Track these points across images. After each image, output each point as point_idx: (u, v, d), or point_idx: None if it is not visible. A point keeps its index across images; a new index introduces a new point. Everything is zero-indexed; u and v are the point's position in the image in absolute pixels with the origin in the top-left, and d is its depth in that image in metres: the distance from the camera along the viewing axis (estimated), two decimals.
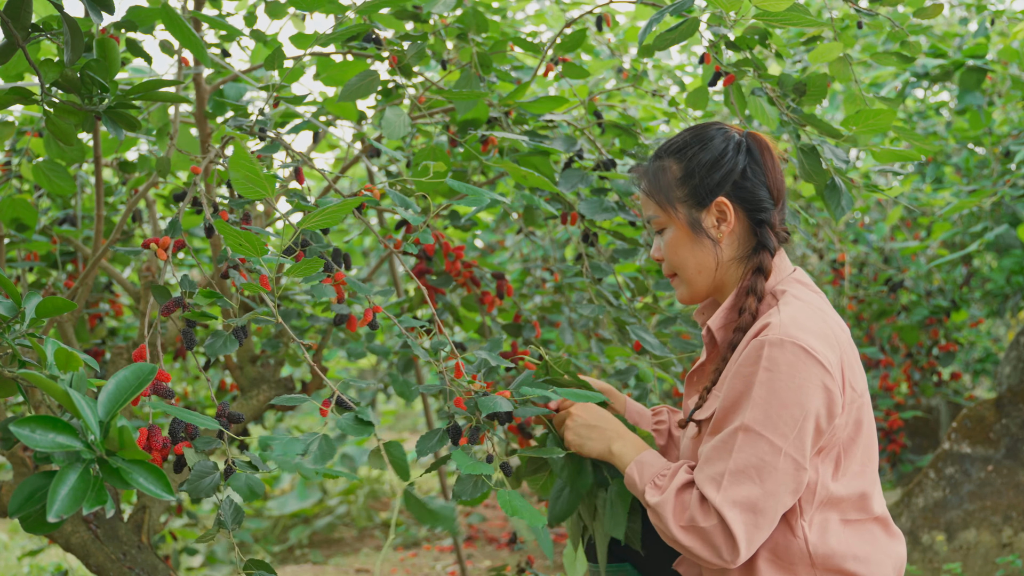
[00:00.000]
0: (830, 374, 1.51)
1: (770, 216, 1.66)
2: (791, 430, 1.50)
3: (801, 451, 1.51)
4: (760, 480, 1.51)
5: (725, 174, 1.65)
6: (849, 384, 1.56)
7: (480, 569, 3.96)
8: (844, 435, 1.56)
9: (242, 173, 1.43)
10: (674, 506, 1.57)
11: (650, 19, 1.92)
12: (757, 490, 1.51)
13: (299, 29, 2.55)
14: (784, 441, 1.50)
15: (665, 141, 1.72)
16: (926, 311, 4.24)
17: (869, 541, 1.61)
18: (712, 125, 1.70)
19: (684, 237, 1.68)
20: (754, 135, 1.68)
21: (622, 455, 1.69)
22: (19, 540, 4.73)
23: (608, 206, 2.18)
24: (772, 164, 1.67)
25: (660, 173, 1.69)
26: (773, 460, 1.50)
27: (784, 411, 1.50)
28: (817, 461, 1.55)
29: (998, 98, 4.02)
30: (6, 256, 2.36)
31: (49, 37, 1.68)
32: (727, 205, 1.64)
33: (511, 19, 3.85)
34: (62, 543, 2.04)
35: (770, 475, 1.50)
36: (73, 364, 1.28)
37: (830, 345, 1.54)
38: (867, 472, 1.62)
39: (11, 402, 2.51)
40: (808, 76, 2.10)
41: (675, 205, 1.67)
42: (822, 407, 1.51)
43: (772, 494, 1.51)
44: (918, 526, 3.40)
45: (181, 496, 3.21)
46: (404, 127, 1.99)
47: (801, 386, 1.50)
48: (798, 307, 1.57)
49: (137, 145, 2.59)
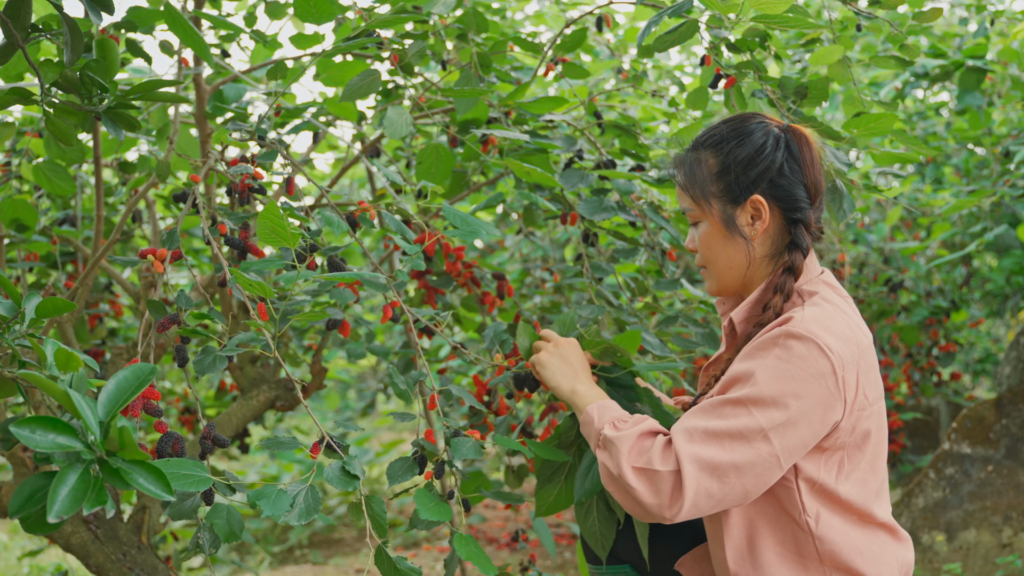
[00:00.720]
0: (838, 376, 1.48)
1: (806, 215, 1.61)
2: (783, 418, 1.47)
3: (785, 445, 1.48)
4: (732, 451, 1.48)
5: (762, 171, 1.60)
6: (863, 391, 1.53)
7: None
8: (849, 440, 1.54)
9: (269, 226, 1.51)
10: (632, 444, 1.54)
11: (649, 20, 1.92)
12: (726, 458, 1.48)
13: (299, 29, 2.55)
14: (771, 427, 1.47)
15: (703, 131, 1.68)
16: (926, 311, 4.24)
17: (876, 542, 1.59)
18: (752, 118, 1.65)
19: (717, 233, 1.65)
20: (793, 129, 1.63)
21: (585, 396, 1.69)
22: (19, 540, 4.73)
23: (607, 206, 2.18)
24: (811, 160, 1.62)
25: (696, 166, 1.65)
26: (753, 439, 1.47)
27: (783, 399, 1.47)
28: (820, 460, 1.53)
29: (998, 98, 4.02)
30: (6, 256, 2.36)
31: (49, 37, 1.68)
32: (762, 203, 1.60)
33: (511, 19, 3.85)
34: (62, 543, 2.04)
35: (744, 452, 1.47)
36: (73, 364, 1.28)
37: (849, 349, 1.51)
38: (870, 483, 1.59)
39: (11, 402, 2.51)
40: (809, 78, 2.10)
41: (710, 200, 1.64)
42: (823, 407, 1.48)
43: (738, 469, 1.47)
44: (918, 526, 3.40)
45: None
46: (406, 126, 1.99)
47: (807, 381, 1.48)
48: (824, 308, 1.55)
49: (137, 145, 2.58)
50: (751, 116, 1.65)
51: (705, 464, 1.48)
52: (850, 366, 1.51)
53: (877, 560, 1.58)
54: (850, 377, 1.50)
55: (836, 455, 1.55)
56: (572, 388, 1.71)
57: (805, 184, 1.61)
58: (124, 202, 2.82)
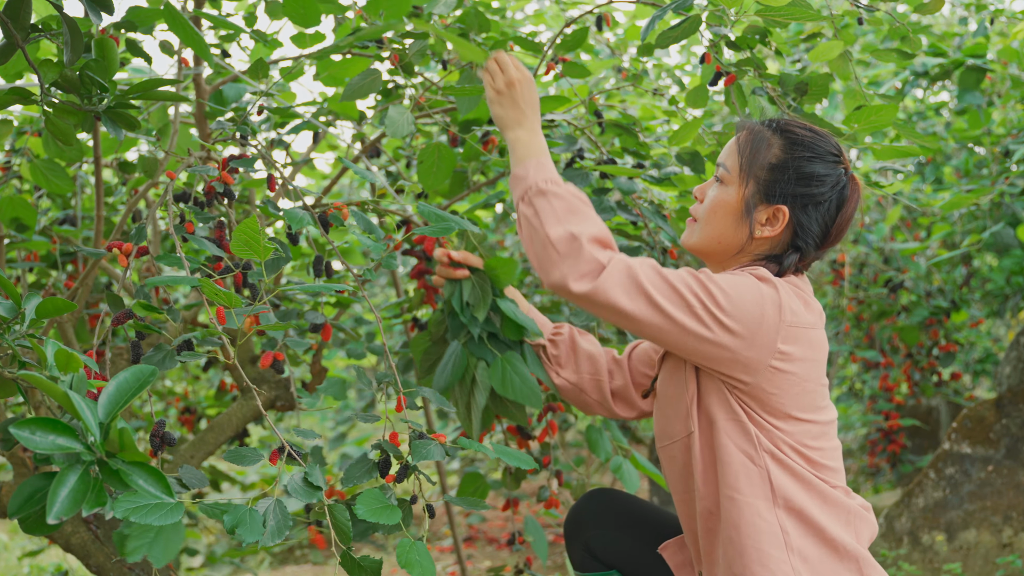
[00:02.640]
0: (783, 310, 1.55)
1: (808, 251, 1.65)
2: (717, 313, 1.53)
3: (702, 330, 1.53)
4: (659, 290, 1.53)
5: (806, 194, 1.62)
6: (796, 341, 1.58)
7: (480, 569, 3.96)
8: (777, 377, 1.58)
9: (243, 238, 1.51)
10: (567, 205, 1.58)
11: (651, 17, 1.92)
12: (649, 288, 1.53)
13: (299, 29, 2.55)
14: (703, 308, 1.53)
15: (791, 119, 1.69)
16: (926, 311, 4.24)
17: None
18: (833, 145, 1.66)
19: (732, 208, 1.65)
20: (856, 180, 1.66)
21: (526, 146, 1.69)
22: (19, 540, 4.73)
23: (607, 206, 2.17)
24: (848, 213, 1.65)
25: (762, 143, 1.65)
26: (681, 301, 1.53)
27: (727, 297, 1.53)
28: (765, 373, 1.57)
29: (997, 98, 4.02)
30: (6, 256, 2.36)
31: (49, 37, 1.68)
32: (785, 216, 1.62)
33: (510, 19, 3.85)
34: (62, 544, 2.04)
35: (666, 299, 1.53)
36: (73, 365, 1.27)
37: (800, 317, 1.58)
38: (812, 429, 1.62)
39: (11, 403, 2.51)
40: (810, 76, 2.09)
41: (749, 179, 1.64)
42: (756, 333, 1.53)
43: (651, 304, 1.53)
44: (918, 526, 3.39)
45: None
46: (407, 125, 1.98)
47: (760, 297, 1.54)
48: (793, 287, 1.62)
49: (137, 145, 2.58)
50: (833, 142, 1.67)
51: (632, 276, 1.54)
52: (795, 323, 1.57)
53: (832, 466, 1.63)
54: (790, 329, 1.56)
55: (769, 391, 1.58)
56: (514, 135, 1.71)
57: (829, 229, 1.64)
58: (124, 202, 2.82)
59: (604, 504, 1.87)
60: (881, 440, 4.44)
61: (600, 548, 1.84)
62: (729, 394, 1.59)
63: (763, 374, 1.55)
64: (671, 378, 1.68)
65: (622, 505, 1.87)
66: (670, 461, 1.70)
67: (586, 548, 1.85)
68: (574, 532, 1.87)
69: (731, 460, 1.58)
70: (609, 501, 1.88)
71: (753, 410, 1.58)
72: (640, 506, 1.88)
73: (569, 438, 5.38)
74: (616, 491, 1.90)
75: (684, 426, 1.64)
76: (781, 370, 1.56)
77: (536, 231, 1.57)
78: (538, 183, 1.61)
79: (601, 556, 1.84)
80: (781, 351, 1.55)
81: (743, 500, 1.56)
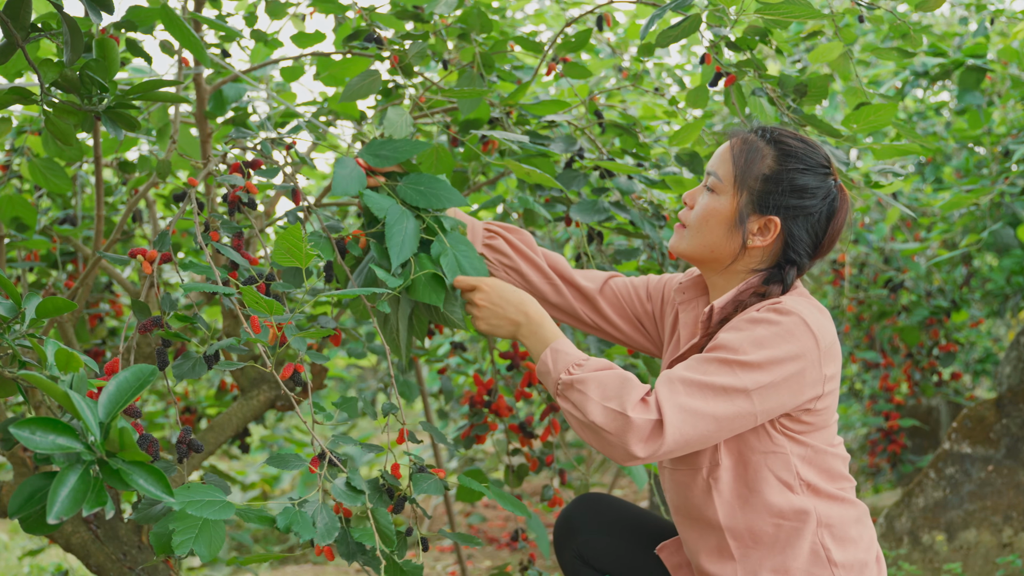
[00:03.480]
0: (820, 349, 1.55)
1: (803, 263, 1.66)
2: (766, 380, 1.52)
3: (764, 407, 1.52)
4: (713, 403, 1.51)
5: (798, 206, 1.63)
6: (834, 369, 1.61)
7: (480, 569, 3.96)
8: (820, 413, 1.61)
9: (285, 246, 1.53)
10: (598, 384, 1.56)
11: (651, 16, 1.92)
12: (706, 408, 1.51)
13: (299, 29, 2.55)
14: (755, 387, 1.52)
15: (785, 129, 1.70)
16: (926, 311, 4.24)
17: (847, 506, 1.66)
18: (823, 157, 1.67)
19: (724, 217, 1.66)
20: (844, 191, 1.68)
21: (534, 338, 1.68)
22: (19, 540, 4.73)
23: (602, 208, 2.16)
24: (838, 225, 1.67)
25: (755, 154, 1.66)
26: (735, 397, 1.52)
27: (768, 364, 1.52)
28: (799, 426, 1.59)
29: (997, 98, 4.02)
30: (6, 256, 2.36)
31: (49, 37, 1.68)
32: (777, 227, 1.63)
33: (510, 19, 3.85)
34: (62, 543, 2.04)
35: (725, 406, 1.51)
36: (73, 365, 1.27)
37: (828, 330, 1.59)
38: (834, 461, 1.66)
39: (11, 402, 2.51)
40: (809, 77, 2.09)
41: (743, 189, 1.64)
42: (802, 376, 1.54)
43: (716, 419, 1.51)
44: (918, 526, 3.39)
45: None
46: (406, 126, 1.98)
47: (794, 347, 1.53)
48: (806, 300, 1.63)
49: (137, 145, 2.58)
50: (823, 153, 1.68)
51: (686, 410, 1.51)
52: (830, 344, 1.58)
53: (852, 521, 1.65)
54: (828, 352, 1.57)
55: (812, 426, 1.61)
56: (520, 335, 1.71)
57: (819, 240, 1.66)
58: (124, 202, 2.82)
59: (595, 509, 1.86)
60: (881, 440, 4.44)
61: (592, 554, 1.82)
62: (770, 427, 1.60)
63: (821, 401, 1.59)
64: None
65: (613, 510, 1.86)
66: (678, 487, 1.69)
67: (577, 554, 1.84)
68: (564, 538, 1.86)
69: (769, 489, 1.59)
70: (600, 506, 1.86)
71: (794, 433, 1.60)
72: (631, 511, 1.87)
73: (571, 437, 5.38)
74: (606, 496, 1.90)
75: (710, 458, 1.63)
76: (829, 392, 1.60)
77: (583, 422, 1.55)
78: (561, 377, 1.59)
79: (593, 562, 1.83)
80: (827, 375, 1.58)
81: (786, 524, 1.59)
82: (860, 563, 1.61)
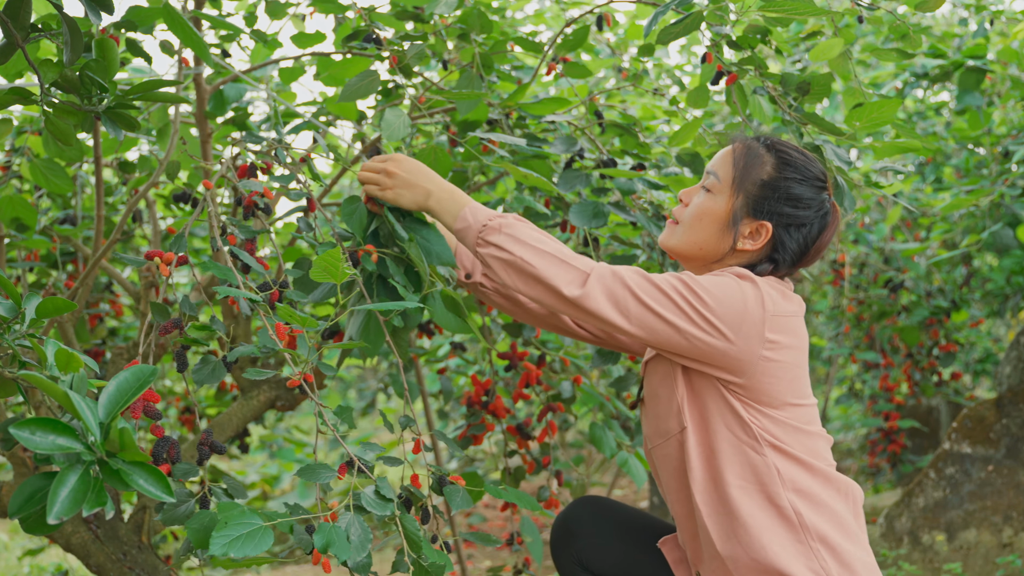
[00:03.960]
0: (765, 311, 1.58)
1: (782, 266, 1.69)
2: (712, 299, 1.56)
3: (705, 312, 1.56)
4: (647, 283, 1.57)
5: (792, 215, 1.67)
6: (780, 332, 1.62)
7: (480, 569, 3.96)
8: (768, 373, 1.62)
9: (323, 265, 1.56)
10: (527, 225, 1.63)
11: (654, 13, 1.93)
12: (636, 283, 1.57)
13: (299, 29, 2.55)
14: (692, 299, 1.56)
15: (783, 141, 1.74)
16: (926, 311, 4.24)
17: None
18: (820, 171, 1.71)
19: (718, 217, 1.70)
20: (836, 208, 1.72)
21: (449, 202, 1.73)
22: (19, 540, 4.73)
23: (600, 211, 2.16)
24: (826, 239, 1.71)
25: (755, 159, 1.70)
26: (670, 293, 1.57)
27: (709, 289, 1.57)
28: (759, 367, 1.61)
29: (997, 98, 4.02)
30: (6, 256, 2.36)
31: (49, 37, 1.68)
32: (768, 233, 1.67)
33: (510, 19, 3.84)
34: (62, 543, 2.04)
35: (653, 291, 1.57)
36: (73, 365, 1.27)
37: (781, 307, 1.61)
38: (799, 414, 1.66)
39: (11, 402, 2.51)
40: (812, 75, 2.09)
41: (740, 192, 1.68)
42: (744, 321, 1.57)
43: (637, 299, 1.56)
44: (918, 526, 3.39)
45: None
46: (404, 128, 1.98)
47: (739, 296, 1.58)
48: (767, 282, 1.66)
49: (137, 145, 2.58)
50: (820, 168, 1.72)
51: (618, 273, 1.58)
52: (779, 314, 1.60)
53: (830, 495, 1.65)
54: (775, 320, 1.59)
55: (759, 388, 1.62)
56: (431, 203, 1.74)
57: (807, 248, 1.70)
58: (124, 202, 2.82)
59: (593, 512, 1.86)
60: (881, 440, 4.44)
61: (590, 557, 1.82)
62: (724, 389, 1.62)
63: (757, 366, 1.59)
64: (660, 379, 1.70)
65: (612, 512, 1.86)
66: (664, 460, 1.71)
67: (576, 558, 1.83)
68: (562, 541, 1.85)
69: (732, 452, 1.61)
70: (598, 509, 1.86)
71: (750, 402, 1.61)
72: (630, 513, 1.87)
73: (569, 438, 5.38)
74: (605, 498, 1.90)
75: (677, 422, 1.66)
76: (773, 359, 1.60)
77: (509, 262, 1.61)
78: (482, 222, 1.66)
79: (591, 566, 1.82)
80: (770, 340, 1.59)
81: (752, 488, 1.60)
82: (841, 534, 1.61)
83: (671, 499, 1.72)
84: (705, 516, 1.63)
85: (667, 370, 1.69)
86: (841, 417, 5.66)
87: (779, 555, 1.56)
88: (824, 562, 1.56)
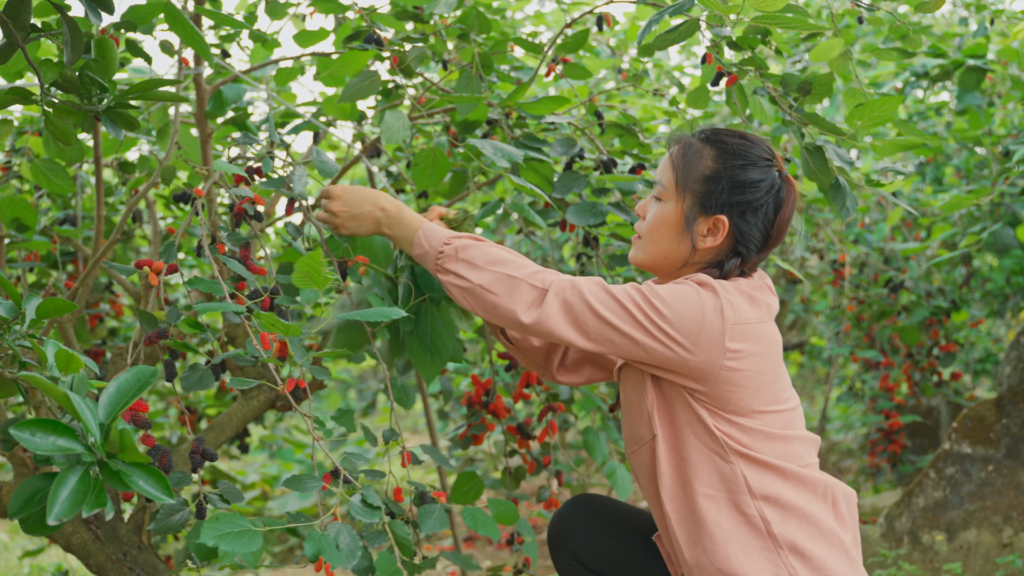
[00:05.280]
0: (724, 320, 1.56)
1: (749, 255, 1.67)
2: (668, 310, 1.55)
3: (661, 323, 1.55)
4: (603, 294, 1.57)
5: (743, 201, 1.65)
6: (743, 340, 1.60)
7: (480, 569, 3.95)
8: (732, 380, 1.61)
9: (305, 270, 1.56)
10: (483, 251, 1.63)
11: (649, 19, 1.92)
12: (594, 295, 1.57)
13: (299, 29, 2.55)
14: (648, 311, 1.55)
15: (719, 129, 1.71)
16: (926, 312, 4.24)
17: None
18: (764, 149, 1.68)
19: (672, 223, 1.68)
20: (791, 180, 1.68)
21: (402, 228, 1.73)
22: (19, 540, 4.73)
23: (598, 211, 2.16)
24: (786, 214, 1.68)
25: (695, 157, 1.67)
26: (627, 305, 1.56)
27: (667, 300, 1.56)
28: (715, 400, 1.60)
29: (998, 98, 4.02)
30: (6, 256, 2.35)
31: (49, 37, 1.68)
32: (725, 226, 1.65)
33: (510, 19, 3.85)
34: (62, 543, 2.04)
35: (610, 303, 1.56)
36: (73, 366, 1.27)
37: (744, 313, 1.59)
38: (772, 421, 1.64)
39: (11, 403, 2.51)
40: (813, 75, 2.09)
41: (686, 193, 1.66)
42: (702, 332, 1.55)
43: (595, 312, 1.56)
44: (918, 526, 3.39)
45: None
46: (403, 130, 1.98)
47: (699, 302, 1.56)
48: (734, 284, 1.64)
49: (137, 145, 2.58)
50: (763, 147, 1.68)
51: (576, 286, 1.58)
52: (740, 323, 1.58)
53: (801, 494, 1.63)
54: (736, 328, 1.57)
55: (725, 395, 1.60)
56: (387, 233, 1.75)
57: (769, 231, 1.67)
58: (124, 202, 2.82)
59: (590, 510, 1.86)
60: (881, 440, 4.44)
61: (587, 555, 1.82)
62: (691, 398, 1.61)
63: (719, 375, 1.57)
64: (631, 387, 1.71)
65: (608, 510, 1.87)
66: (639, 466, 1.71)
67: (573, 556, 1.84)
68: (559, 540, 1.86)
69: (700, 460, 1.60)
70: (594, 507, 1.87)
71: (716, 410, 1.60)
72: (625, 510, 1.87)
73: (569, 438, 5.38)
74: (600, 496, 1.90)
75: (648, 430, 1.66)
76: (736, 368, 1.58)
77: (468, 290, 1.62)
78: (437, 248, 1.66)
79: (589, 563, 1.83)
80: (732, 349, 1.57)
81: (719, 496, 1.59)
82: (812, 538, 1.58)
83: (650, 503, 1.73)
84: (674, 523, 1.63)
85: (637, 378, 1.68)
86: (841, 417, 5.66)
87: (744, 564, 1.55)
88: (793, 569, 1.55)
